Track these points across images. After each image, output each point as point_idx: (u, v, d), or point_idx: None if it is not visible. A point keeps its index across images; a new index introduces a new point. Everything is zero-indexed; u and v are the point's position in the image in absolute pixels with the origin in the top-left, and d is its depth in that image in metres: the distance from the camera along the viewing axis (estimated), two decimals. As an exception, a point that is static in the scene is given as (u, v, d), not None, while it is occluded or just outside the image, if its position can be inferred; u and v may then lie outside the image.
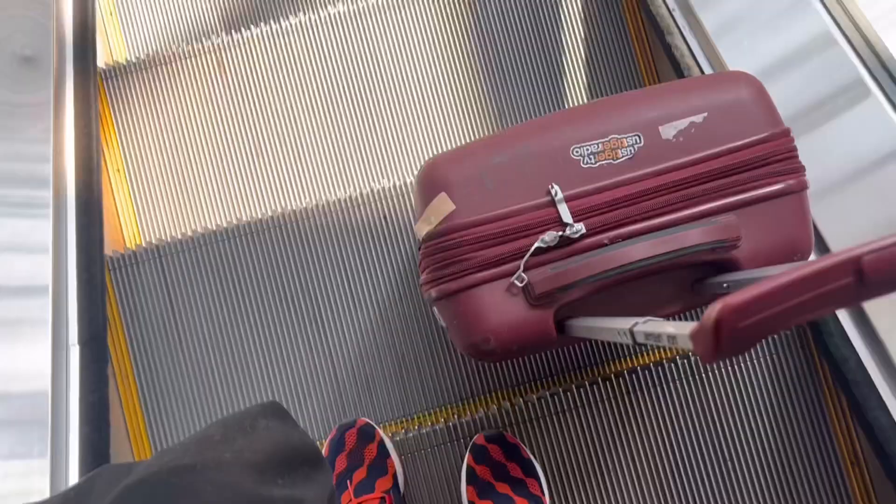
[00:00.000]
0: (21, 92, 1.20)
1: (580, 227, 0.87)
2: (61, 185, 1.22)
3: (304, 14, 1.57)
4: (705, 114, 0.89)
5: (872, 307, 1.05)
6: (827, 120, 1.09)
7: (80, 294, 1.16)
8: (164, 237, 1.40)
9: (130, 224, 1.48)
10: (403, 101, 1.54)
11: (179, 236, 1.33)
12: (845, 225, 1.07)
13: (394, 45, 1.56)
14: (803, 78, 1.14)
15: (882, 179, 1.03)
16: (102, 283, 1.20)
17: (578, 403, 1.19)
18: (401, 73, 1.55)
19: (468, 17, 1.57)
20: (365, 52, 1.55)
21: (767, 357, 1.20)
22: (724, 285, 0.87)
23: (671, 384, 1.19)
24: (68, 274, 1.17)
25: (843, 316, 1.09)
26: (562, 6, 1.58)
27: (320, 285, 1.30)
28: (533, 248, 0.87)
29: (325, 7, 1.57)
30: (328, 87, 1.54)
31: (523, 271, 0.87)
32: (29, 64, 1.20)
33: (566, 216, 0.88)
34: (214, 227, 1.33)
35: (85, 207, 1.24)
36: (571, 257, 0.88)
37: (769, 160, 0.88)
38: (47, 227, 1.15)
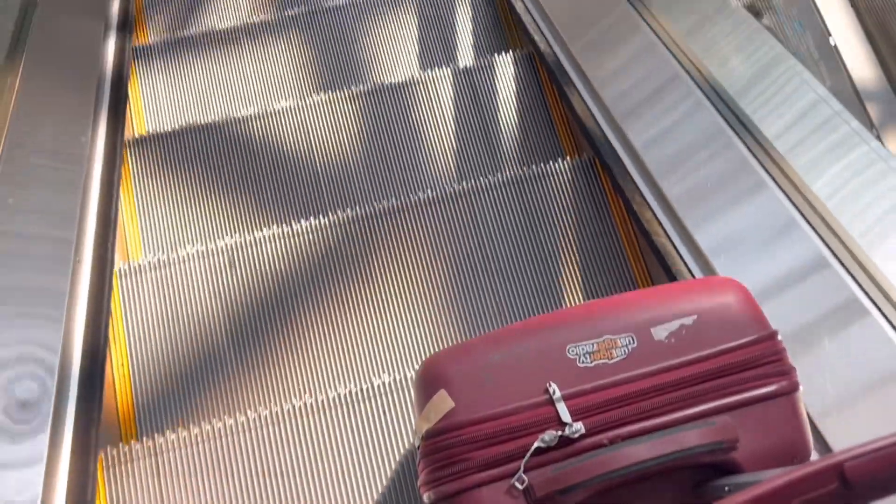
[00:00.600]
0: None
1: (579, 427, 0.87)
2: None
3: (315, 217, 1.66)
4: (695, 316, 0.93)
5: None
6: (827, 333, 1.13)
7: None
8: (161, 433, 1.39)
9: (128, 418, 1.47)
10: (405, 299, 1.59)
11: (175, 434, 1.32)
12: (847, 427, 1.08)
13: (396, 246, 1.64)
14: (798, 294, 1.19)
15: (880, 388, 1.06)
16: None
17: None
18: (402, 272, 1.62)
19: (469, 221, 1.67)
20: (367, 251, 1.63)
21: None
22: (726, 488, 0.85)
23: None
24: None
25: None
26: (557, 218, 1.68)
27: (318, 486, 1.27)
28: (533, 448, 0.87)
29: (328, 213, 1.67)
30: (330, 284, 1.60)
31: (524, 472, 0.86)
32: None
33: (565, 416, 0.88)
34: (212, 425, 1.32)
35: None
36: (572, 458, 0.87)
37: (758, 362, 0.90)
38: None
